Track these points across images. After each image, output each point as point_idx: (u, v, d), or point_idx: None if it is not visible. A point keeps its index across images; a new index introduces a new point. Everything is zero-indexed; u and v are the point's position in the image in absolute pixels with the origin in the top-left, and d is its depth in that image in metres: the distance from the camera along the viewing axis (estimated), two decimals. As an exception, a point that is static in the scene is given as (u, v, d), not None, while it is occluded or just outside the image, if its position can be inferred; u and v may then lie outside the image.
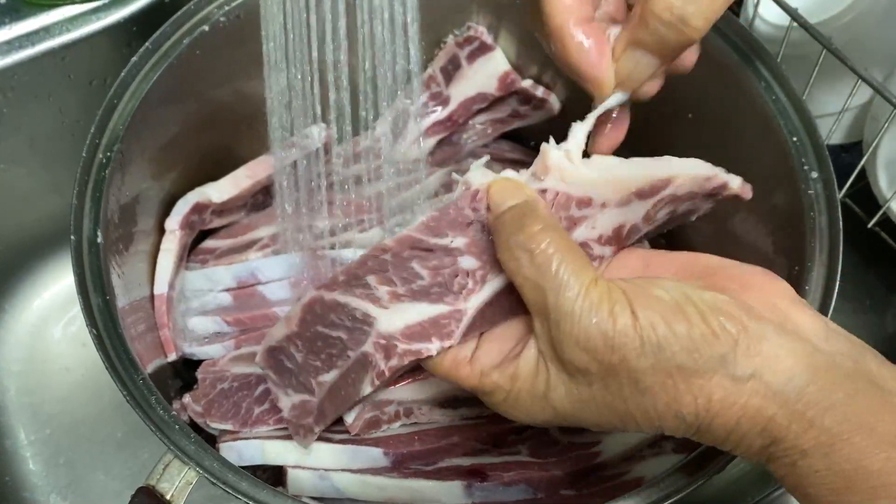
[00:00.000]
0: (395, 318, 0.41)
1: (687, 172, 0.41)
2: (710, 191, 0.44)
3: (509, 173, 0.41)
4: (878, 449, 0.32)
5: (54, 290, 0.73)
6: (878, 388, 0.34)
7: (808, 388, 0.33)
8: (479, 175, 0.40)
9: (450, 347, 0.40)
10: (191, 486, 0.43)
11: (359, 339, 0.42)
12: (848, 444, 0.32)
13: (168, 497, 0.42)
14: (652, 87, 0.42)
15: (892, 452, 0.32)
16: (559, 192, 0.40)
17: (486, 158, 0.43)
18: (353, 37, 0.47)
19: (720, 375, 0.34)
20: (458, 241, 0.40)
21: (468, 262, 0.40)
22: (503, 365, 0.38)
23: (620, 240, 0.43)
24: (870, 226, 0.67)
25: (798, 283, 0.48)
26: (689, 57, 0.42)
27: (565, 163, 0.40)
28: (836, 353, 0.35)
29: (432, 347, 0.40)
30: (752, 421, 0.34)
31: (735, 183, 0.43)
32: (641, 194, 0.41)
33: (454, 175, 0.42)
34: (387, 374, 0.42)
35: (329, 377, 0.45)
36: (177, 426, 0.44)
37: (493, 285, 0.40)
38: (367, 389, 0.44)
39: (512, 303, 0.40)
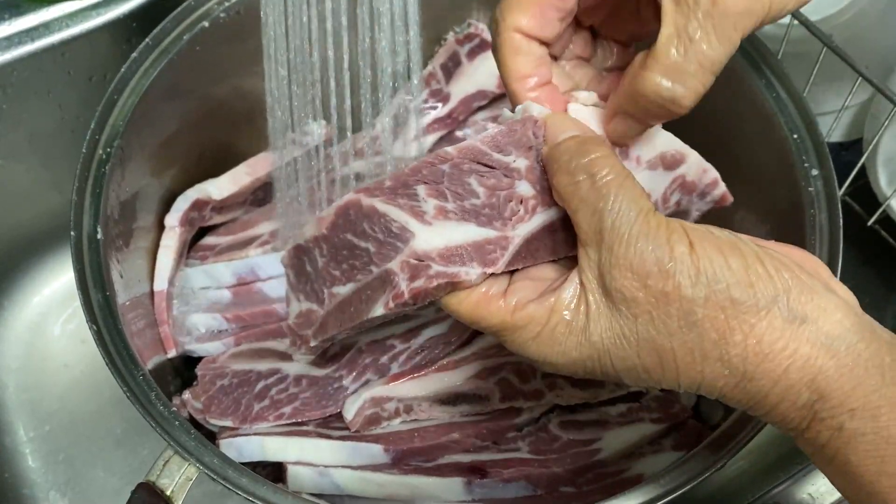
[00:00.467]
0: (435, 236, 0.37)
1: (692, 154, 0.42)
2: (704, 187, 0.45)
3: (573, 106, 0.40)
4: None
5: (53, 286, 0.73)
6: None
7: (858, 345, 0.33)
8: (537, 107, 0.39)
9: (488, 276, 0.38)
10: (191, 482, 0.43)
11: (387, 255, 0.39)
12: None
13: (168, 493, 0.42)
14: None
15: None
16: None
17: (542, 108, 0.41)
18: (354, 33, 0.47)
19: (773, 314, 0.33)
20: (520, 163, 0.38)
21: (524, 187, 0.38)
22: (541, 297, 0.36)
23: None
24: (869, 224, 0.67)
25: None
26: None
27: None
28: (875, 324, 0.34)
29: (472, 272, 0.37)
30: (801, 370, 0.33)
31: (722, 185, 0.45)
32: (665, 161, 0.41)
33: (504, 110, 0.41)
34: (406, 296, 0.38)
35: (343, 290, 0.42)
36: (177, 422, 0.44)
37: (541, 217, 0.39)
38: (378, 311, 0.40)
39: (556, 241, 0.39)
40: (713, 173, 0.44)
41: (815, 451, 0.34)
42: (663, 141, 0.42)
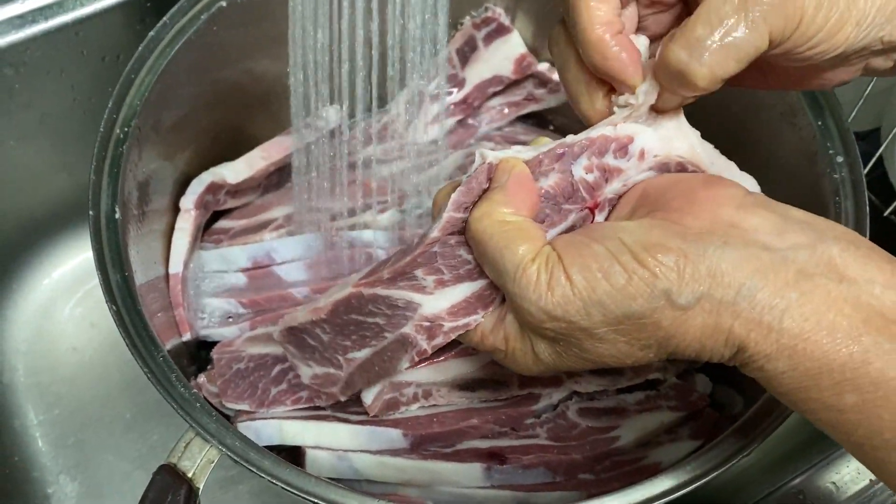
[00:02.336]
0: (439, 301, 0.42)
1: (722, 169, 0.42)
2: None
3: (514, 150, 0.41)
4: (840, 344, 0.32)
5: (63, 269, 0.73)
6: (838, 278, 0.34)
7: (759, 295, 0.33)
8: (490, 154, 0.41)
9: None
10: (212, 465, 0.42)
11: (398, 323, 0.43)
12: (809, 342, 0.33)
13: (190, 475, 0.42)
14: None
15: (853, 347, 0.32)
16: (603, 135, 0.39)
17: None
18: (383, 16, 0.46)
19: (667, 310, 0.34)
20: None
21: None
22: (496, 328, 0.41)
23: None
24: (886, 214, 0.67)
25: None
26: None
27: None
28: (790, 248, 0.34)
29: (478, 317, 0.41)
30: (714, 337, 0.34)
31: None
32: (681, 167, 0.41)
33: (476, 151, 0.42)
34: (429, 351, 0.43)
35: (360, 355, 0.46)
36: (198, 404, 0.43)
37: None
38: (404, 366, 0.45)
39: None
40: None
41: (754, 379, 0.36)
42: (687, 148, 0.41)
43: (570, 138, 0.40)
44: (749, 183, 0.43)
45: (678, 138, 0.41)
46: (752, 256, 0.34)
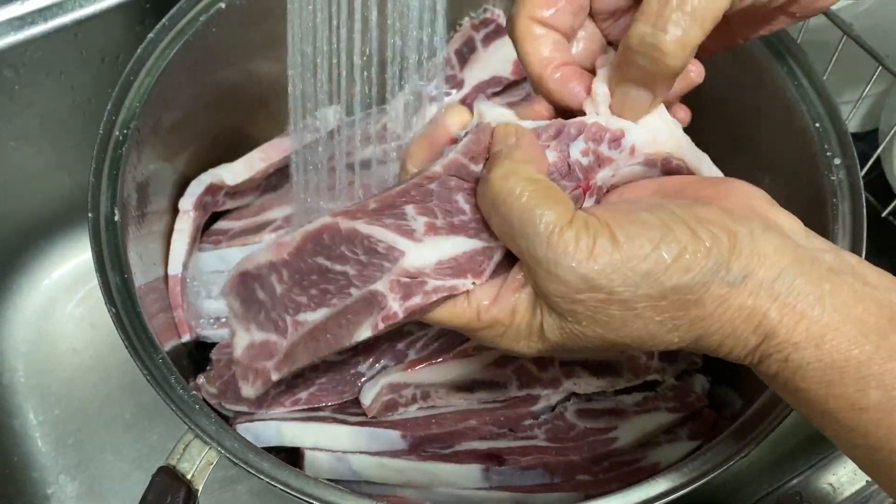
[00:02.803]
0: (428, 251, 0.37)
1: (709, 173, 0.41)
2: None
3: (503, 114, 0.39)
4: (867, 339, 0.32)
5: (63, 270, 0.73)
6: (861, 281, 0.34)
7: (797, 281, 0.33)
8: (488, 111, 0.39)
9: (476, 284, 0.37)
10: (211, 466, 0.43)
11: (370, 276, 0.37)
12: (838, 333, 0.33)
13: (189, 477, 0.42)
14: (682, 114, 0.43)
15: (880, 341, 0.32)
16: (597, 123, 0.38)
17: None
18: (382, 17, 0.46)
19: (715, 285, 0.34)
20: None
21: None
22: (501, 299, 0.37)
23: None
24: (884, 215, 0.67)
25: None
26: (696, 73, 0.41)
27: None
28: (817, 250, 0.35)
29: (467, 283, 0.37)
30: (748, 321, 0.34)
31: None
32: (667, 166, 0.40)
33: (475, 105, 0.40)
34: (400, 315, 0.37)
35: (314, 316, 0.39)
36: (197, 406, 0.44)
37: None
38: (364, 334, 0.38)
39: None
40: None
41: (767, 379, 0.36)
42: (674, 144, 0.40)
43: (560, 120, 0.39)
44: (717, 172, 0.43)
45: (663, 132, 0.40)
46: (791, 246, 0.34)
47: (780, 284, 0.33)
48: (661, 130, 0.40)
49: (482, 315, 0.37)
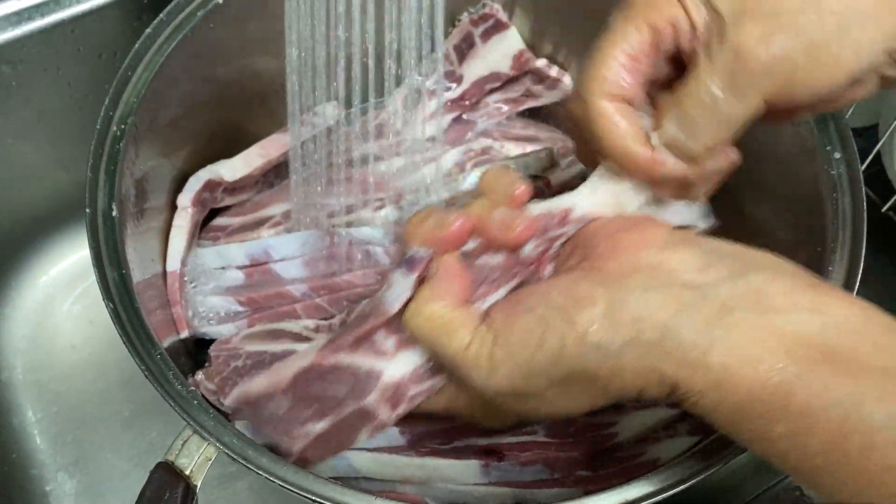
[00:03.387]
0: (401, 365, 0.43)
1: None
2: None
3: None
4: (765, 377, 0.33)
5: (61, 266, 0.73)
6: (762, 309, 0.34)
7: (683, 333, 0.34)
8: (420, 250, 0.43)
9: None
10: (210, 462, 0.42)
11: (361, 393, 0.43)
12: (736, 377, 0.33)
13: (188, 473, 0.42)
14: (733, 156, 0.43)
15: (776, 378, 0.33)
16: (541, 215, 0.42)
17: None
18: (380, 10, 0.46)
19: (602, 361, 0.36)
20: None
21: None
22: (459, 395, 0.43)
23: None
24: (883, 210, 0.67)
25: (821, 264, 0.48)
26: (731, 158, 0.43)
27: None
28: (712, 284, 0.35)
29: (444, 378, 0.43)
30: (648, 378, 0.35)
31: None
32: None
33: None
34: (389, 424, 0.44)
35: (319, 427, 0.45)
36: (195, 401, 0.43)
37: None
38: (362, 440, 0.44)
39: None
40: None
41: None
42: (616, 208, 0.43)
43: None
44: (694, 215, 0.44)
45: (608, 199, 0.43)
46: (674, 296, 0.35)
47: (668, 341, 0.34)
48: (605, 197, 0.43)
49: (453, 406, 0.43)
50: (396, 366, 0.43)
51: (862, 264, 0.47)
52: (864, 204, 0.48)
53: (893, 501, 0.31)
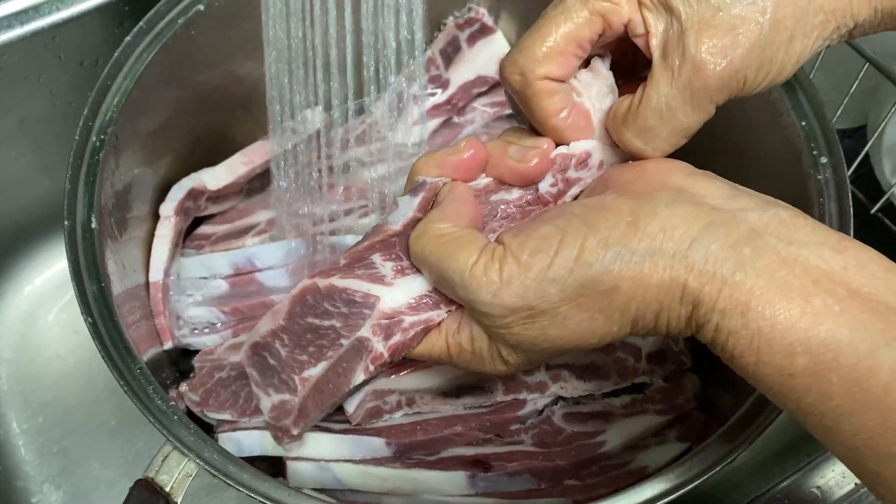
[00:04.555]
0: (399, 293, 0.40)
1: None
2: None
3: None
4: (792, 303, 0.32)
5: (46, 275, 0.72)
6: (788, 240, 0.34)
7: (712, 247, 0.33)
8: (428, 179, 0.42)
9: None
10: (190, 478, 0.42)
11: (355, 324, 0.41)
12: (762, 299, 0.32)
13: (167, 489, 0.41)
14: None
15: (804, 306, 0.32)
16: (560, 154, 0.41)
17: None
18: (357, 16, 0.45)
19: (623, 269, 0.34)
20: None
21: None
22: (462, 328, 0.40)
23: None
24: (873, 212, 0.66)
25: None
26: None
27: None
28: (740, 210, 0.35)
29: (442, 313, 0.40)
30: (670, 293, 0.34)
31: None
32: None
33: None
34: (385, 355, 0.41)
35: (315, 371, 0.43)
36: (175, 416, 0.43)
37: None
38: (358, 378, 0.42)
39: None
40: None
41: (708, 345, 0.35)
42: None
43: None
44: None
45: None
46: (703, 213, 0.34)
47: (695, 253, 0.33)
48: None
49: (451, 344, 0.40)
50: (394, 294, 0.40)
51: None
52: (851, 209, 0.48)
53: None
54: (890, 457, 0.31)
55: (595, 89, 0.41)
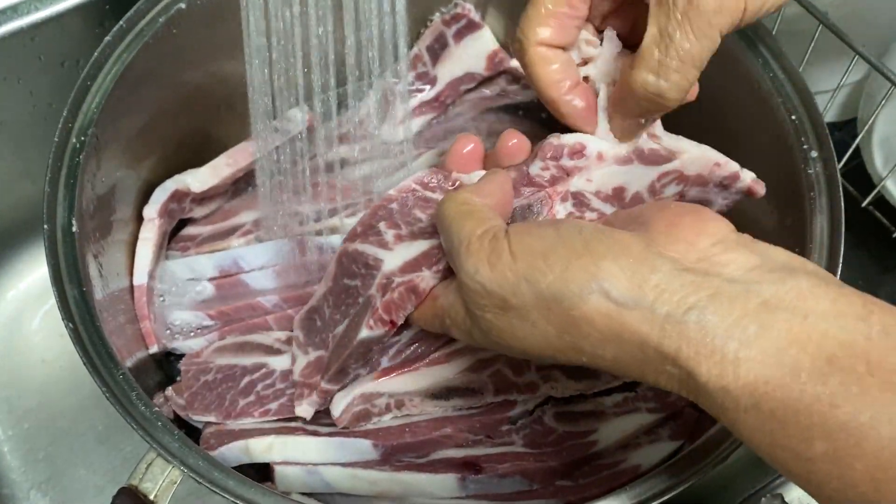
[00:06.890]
0: (396, 257, 0.45)
1: (694, 151, 0.44)
2: (721, 180, 0.46)
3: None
4: (805, 385, 0.30)
5: (30, 280, 0.71)
6: (804, 313, 0.31)
7: (711, 318, 0.32)
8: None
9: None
10: (175, 485, 0.41)
11: (368, 284, 0.46)
12: (772, 380, 0.30)
13: (151, 497, 0.41)
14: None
15: (819, 388, 0.30)
16: (550, 143, 0.44)
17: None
18: (339, 12, 0.45)
19: (599, 304, 0.33)
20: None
21: None
22: (447, 293, 0.41)
23: (623, 202, 0.46)
24: (864, 205, 0.66)
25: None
26: (691, 94, 0.42)
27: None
28: (755, 283, 0.33)
29: (425, 275, 0.43)
30: (658, 352, 0.32)
31: (747, 177, 0.46)
32: (642, 157, 0.44)
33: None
34: (380, 311, 0.44)
35: (341, 328, 0.48)
36: (159, 423, 0.42)
37: None
38: (362, 333, 0.45)
39: None
40: (730, 168, 0.46)
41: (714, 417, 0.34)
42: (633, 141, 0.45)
43: None
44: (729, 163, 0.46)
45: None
46: (711, 284, 0.33)
47: (689, 321, 0.32)
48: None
49: (437, 307, 0.42)
50: (393, 257, 0.45)
51: (841, 262, 0.46)
52: (842, 203, 0.48)
53: None
54: None
55: (606, 53, 0.43)
